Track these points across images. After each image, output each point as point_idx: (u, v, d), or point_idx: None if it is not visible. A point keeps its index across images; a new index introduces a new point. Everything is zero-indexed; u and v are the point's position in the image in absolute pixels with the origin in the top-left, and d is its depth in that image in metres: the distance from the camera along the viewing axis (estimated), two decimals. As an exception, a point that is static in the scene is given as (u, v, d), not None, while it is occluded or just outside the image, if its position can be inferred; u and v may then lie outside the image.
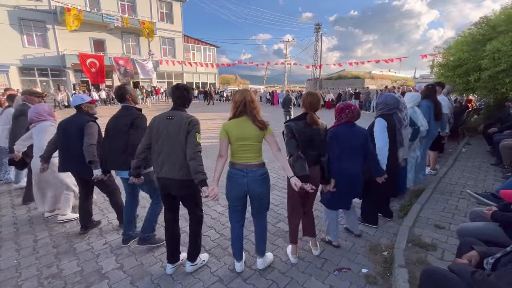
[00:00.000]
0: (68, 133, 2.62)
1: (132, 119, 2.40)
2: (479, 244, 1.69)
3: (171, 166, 2.02)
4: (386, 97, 3.01)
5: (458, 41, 7.25)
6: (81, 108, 2.70)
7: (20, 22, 17.57)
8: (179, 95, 2.13)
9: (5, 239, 2.77)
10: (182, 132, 2.00)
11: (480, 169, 4.87)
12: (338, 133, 2.41)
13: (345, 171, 2.40)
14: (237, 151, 2.04)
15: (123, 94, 2.50)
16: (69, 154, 2.64)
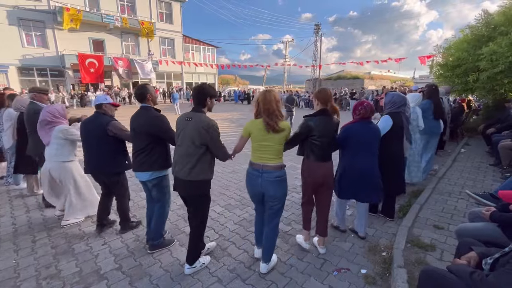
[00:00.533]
0: (88, 133, 2.62)
1: (151, 122, 2.31)
2: (477, 245, 1.70)
3: (181, 167, 2.06)
4: (393, 96, 3.11)
5: (458, 41, 7.27)
6: (101, 107, 2.67)
7: (19, 22, 17.52)
8: (195, 95, 2.14)
9: (4, 240, 2.76)
10: (197, 135, 2.00)
11: (479, 169, 4.88)
12: (352, 130, 2.55)
13: (358, 165, 2.53)
14: (256, 150, 2.09)
15: (144, 94, 2.39)
16: (91, 154, 2.65)
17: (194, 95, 2.14)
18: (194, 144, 2.01)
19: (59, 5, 18.01)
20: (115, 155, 2.67)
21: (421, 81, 18.86)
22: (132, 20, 21.34)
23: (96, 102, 2.71)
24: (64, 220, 3.02)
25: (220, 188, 4.12)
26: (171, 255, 2.51)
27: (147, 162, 2.32)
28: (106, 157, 2.62)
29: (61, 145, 2.85)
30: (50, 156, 2.89)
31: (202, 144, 2.02)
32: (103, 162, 2.63)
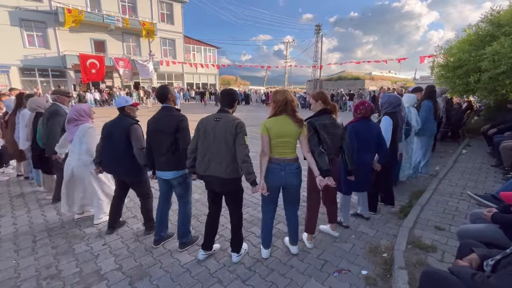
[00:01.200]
0: (113, 135, 2.63)
1: (177, 122, 2.36)
2: (479, 246, 1.69)
3: (218, 165, 2.15)
4: (389, 97, 3.30)
5: (460, 41, 7.25)
6: (124, 110, 2.69)
7: (21, 23, 17.61)
8: (225, 97, 2.30)
9: (4, 240, 2.76)
10: (228, 134, 2.12)
11: (481, 170, 4.86)
12: (357, 128, 2.74)
13: (364, 161, 2.76)
14: (275, 146, 2.19)
15: (165, 94, 2.42)
16: (113, 155, 2.66)
17: (224, 98, 2.29)
18: (226, 143, 2.12)
19: (60, 6, 18.07)
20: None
21: (422, 82, 18.86)
22: (133, 21, 21.42)
23: (118, 105, 2.71)
24: (96, 218, 3.04)
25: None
26: (171, 255, 2.51)
27: (172, 160, 2.37)
28: (129, 158, 2.62)
29: (86, 142, 2.88)
30: (74, 153, 2.92)
31: (233, 143, 2.14)
32: (127, 163, 2.64)
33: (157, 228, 2.65)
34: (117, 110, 2.78)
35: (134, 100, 2.82)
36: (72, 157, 2.94)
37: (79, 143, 2.89)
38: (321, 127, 2.38)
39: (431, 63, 8.73)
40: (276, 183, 2.25)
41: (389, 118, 3.10)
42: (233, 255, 2.41)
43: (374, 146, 2.84)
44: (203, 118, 2.26)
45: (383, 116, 3.20)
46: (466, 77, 6.67)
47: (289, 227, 2.52)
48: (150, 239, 2.75)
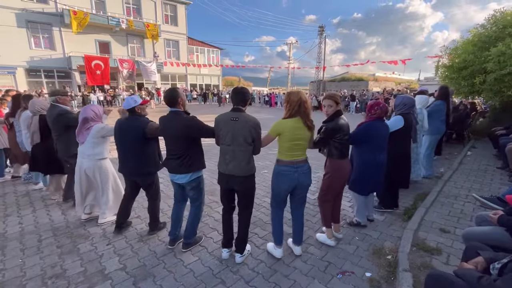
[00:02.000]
0: (125, 136, 2.62)
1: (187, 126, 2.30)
2: (485, 249, 1.67)
3: (237, 164, 2.20)
4: (403, 98, 3.34)
5: (465, 42, 7.19)
6: (134, 110, 2.64)
7: (27, 25, 17.84)
8: (238, 96, 2.26)
9: (10, 239, 2.79)
10: (248, 133, 2.16)
11: (486, 172, 4.81)
12: (372, 127, 2.75)
13: (377, 160, 2.76)
14: (289, 149, 2.23)
15: (175, 98, 2.34)
16: (126, 155, 2.67)
17: (238, 97, 2.26)
18: (246, 142, 2.17)
19: (66, 8, 18.28)
20: (151, 156, 2.69)
21: (426, 83, 18.71)
22: (137, 23, 21.57)
23: (127, 106, 2.64)
24: (101, 218, 3.05)
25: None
26: (175, 256, 2.51)
27: (185, 165, 2.36)
28: (143, 159, 2.64)
29: (97, 143, 2.89)
30: (85, 155, 2.91)
31: (252, 141, 2.20)
32: (140, 163, 2.64)
33: (172, 227, 2.63)
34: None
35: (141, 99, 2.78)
36: (84, 158, 2.92)
37: (93, 143, 2.88)
38: (338, 130, 2.42)
39: (436, 64, 8.68)
40: (288, 185, 2.28)
41: (402, 118, 3.10)
42: (237, 255, 2.42)
43: (386, 146, 2.87)
44: (218, 117, 2.27)
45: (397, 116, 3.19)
46: (471, 78, 6.62)
47: (295, 227, 2.52)
48: (154, 240, 2.78)
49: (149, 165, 2.69)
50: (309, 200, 3.66)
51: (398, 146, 3.09)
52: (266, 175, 4.67)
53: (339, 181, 2.58)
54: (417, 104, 3.90)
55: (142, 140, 2.58)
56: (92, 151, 2.90)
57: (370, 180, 2.80)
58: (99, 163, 2.95)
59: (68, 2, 18.38)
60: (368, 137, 2.74)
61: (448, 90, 4.80)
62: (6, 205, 3.61)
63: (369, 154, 2.75)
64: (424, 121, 3.95)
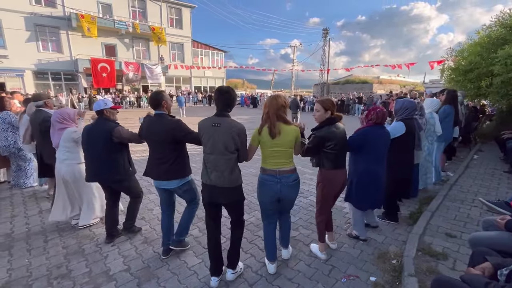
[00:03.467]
0: (92, 140, 2.54)
1: (171, 129, 2.19)
2: (492, 254, 1.65)
3: (219, 174, 1.99)
4: (403, 102, 3.10)
5: (471, 44, 7.13)
6: (103, 113, 2.58)
7: (35, 28, 18.19)
8: (222, 99, 2.02)
9: (17, 239, 2.83)
10: (231, 141, 1.96)
11: (493, 176, 4.74)
12: (367, 134, 2.54)
13: (373, 170, 2.55)
14: (269, 156, 2.07)
15: (158, 100, 2.27)
16: (95, 162, 2.58)
17: (221, 99, 2.02)
18: (227, 150, 1.97)
19: (73, 12, 18.61)
20: (120, 162, 2.61)
21: (431, 86, 18.55)
22: (143, 26, 21.83)
23: (96, 108, 2.58)
24: (82, 220, 2.99)
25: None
26: (179, 258, 2.52)
27: (172, 170, 2.25)
28: (112, 165, 2.56)
29: (70, 147, 2.84)
30: (61, 160, 2.85)
31: (235, 149, 2.01)
32: (110, 169, 2.56)
33: (165, 237, 2.53)
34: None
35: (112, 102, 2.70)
36: (61, 163, 2.85)
37: (66, 148, 2.82)
38: (328, 139, 2.23)
39: (441, 67, 8.62)
40: (271, 197, 2.11)
41: (403, 124, 2.90)
42: (228, 271, 2.20)
43: (385, 155, 2.64)
44: (200, 123, 2.08)
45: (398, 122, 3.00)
46: (477, 81, 6.55)
47: (281, 231, 2.44)
48: (158, 241, 2.78)
49: (119, 171, 2.59)
50: (312, 203, 3.65)
51: (399, 154, 2.89)
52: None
53: (332, 192, 2.40)
54: (428, 108, 3.78)
55: (108, 144, 2.49)
56: (66, 156, 2.82)
57: (367, 195, 2.59)
58: (77, 167, 2.85)
59: (75, 6, 18.71)
60: (364, 144, 2.52)
61: (456, 94, 4.53)
62: (13, 206, 3.66)
63: (365, 164, 2.55)
64: (436, 126, 3.75)
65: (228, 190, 2.03)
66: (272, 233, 2.29)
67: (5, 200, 3.82)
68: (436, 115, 3.88)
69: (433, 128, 3.77)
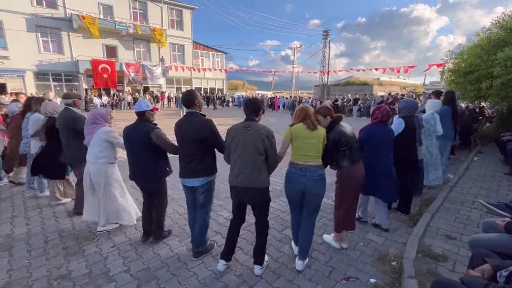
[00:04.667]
0: (132, 140, 2.59)
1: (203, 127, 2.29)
2: (492, 256, 1.65)
3: (247, 175, 2.10)
4: (406, 102, 3.38)
5: (471, 46, 7.15)
6: (144, 114, 2.63)
7: (37, 29, 18.25)
8: (252, 106, 2.24)
9: (17, 240, 2.83)
10: (260, 143, 2.09)
11: (493, 178, 4.74)
12: (371, 131, 2.83)
13: (381, 164, 2.78)
14: (300, 148, 2.23)
15: (192, 99, 2.36)
16: (134, 161, 2.63)
17: (251, 106, 2.24)
18: (257, 151, 2.09)
19: (74, 13, 18.67)
20: (157, 162, 2.64)
21: (431, 87, 18.60)
22: (144, 27, 21.90)
23: (138, 109, 2.61)
24: (101, 225, 2.96)
25: (227, 192, 4.12)
26: (179, 259, 2.52)
27: (200, 168, 2.32)
28: (149, 165, 2.60)
29: (102, 146, 2.83)
30: (92, 158, 2.85)
31: (264, 151, 2.12)
32: (146, 169, 2.61)
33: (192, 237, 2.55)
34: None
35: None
36: (90, 161, 2.87)
37: (98, 147, 2.83)
38: (340, 137, 2.40)
39: (441, 68, 8.64)
40: (296, 189, 2.24)
41: (402, 121, 3.14)
42: (256, 267, 2.31)
43: (391, 150, 2.87)
44: (231, 127, 2.23)
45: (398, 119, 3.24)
46: (477, 82, 6.56)
47: (301, 240, 2.39)
48: (158, 243, 2.79)
49: (156, 171, 2.64)
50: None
51: (402, 150, 3.08)
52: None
53: (350, 186, 2.51)
54: (430, 109, 3.98)
55: (146, 145, 2.54)
56: (97, 154, 2.83)
57: (373, 184, 2.74)
58: (105, 167, 2.86)
59: (76, 7, 18.78)
60: (365, 142, 2.77)
61: (454, 95, 4.76)
62: (14, 206, 3.66)
63: (369, 158, 2.69)
64: (437, 125, 3.91)
65: (256, 191, 2.14)
66: (296, 221, 2.45)
67: (6, 201, 3.83)
68: (437, 116, 3.98)
69: (433, 128, 3.89)
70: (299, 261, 2.36)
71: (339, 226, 2.64)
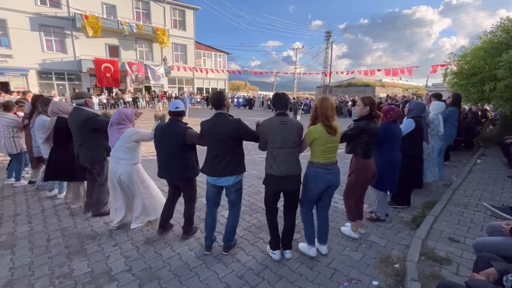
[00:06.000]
0: (166, 140, 2.64)
1: (233, 127, 2.35)
2: (497, 260, 1.63)
3: (290, 164, 2.31)
4: (416, 104, 3.59)
5: (474, 48, 7.12)
6: (178, 115, 2.71)
7: (40, 28, 18.34)
8: (282, 101, 2.41)
9: (20, 238, 2.84)
10: (297, 136, 2.32)
11: (497, 181, 4.71)
12: (390, 128, 3.02)
13: (397, 160, 3.05)
14: (323, 152, 2.34)
15: (222, 100, 2.41)
16: (166, 161, 2.69)
17: (282, 101, 2.40)
18: (295, 143, 2.31)
19: (78, 12, 18.76)
20: (190, 161, 2.70)
21: (434, 89, 18.51)
22: (146, 27, 21.97)
23: (173, 109, 2.67)
24: (135, 223, 3.00)
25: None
26: (180, 259, 2.52)
27: (231, 166, 2.38)
28: (182, 164, 2.66)
29: (130, 148, 2.85)
30: (119, 159, 2.84)
31: (300, 142, 2.36)
32: (180, 169, 2.66)
33: (209, 233, 2.61)
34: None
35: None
36: (118, 162, 2.86)
37: (126, 148, 2.83)
38: (366, 131, 2.59)
39: (444, 71, 8.61)
40: (322, 185, 2.38)
41: (413, 121, 3.35)
42: (287, 252, 2.52)
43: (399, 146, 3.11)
44: (266, 123, 2.36)
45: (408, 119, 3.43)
46: (481, 85, 6.54)
47: (321, 227, 2.60)
48: (160, 242, 2.79)
49: (189, 170, 2.70)
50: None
51: (410, 147, 3.32)
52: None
53: (364, 179, 2.72)
54: (434, 110, 4.17)
55: (181, 145, 2.61)
56: (126, 156, 2.84)
57: (388, 178, 3.00)
58: (134, 167, 2.91)
59: (80, 7, 18.87)
60: (385, 137, 2.94)
61: (460, 96, 5.07)
62: (16, 205, 3.67)
63: (386, 154, 2.98)
64: (439, 126, 4.12)
65: (297, 178, 2.38)
66: (312, 219, 2.55)
67: (8, 199, 3.84)
68: (441, 117, 4.18)
69: (437, 128, 4.10)
70: (323, 247, 2.59)
71: (353, 216, 2.83)
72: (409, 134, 3.30)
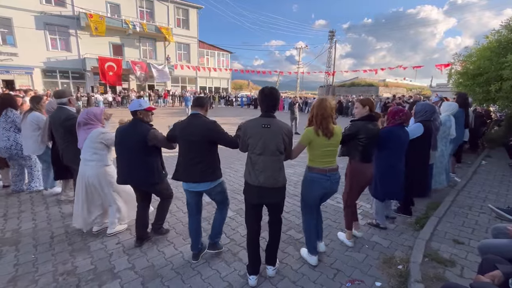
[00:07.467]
0: (126, 143, 2.47)
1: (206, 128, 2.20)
2: (503, 262, 1.61)
3: (270, 174, 2.01)
4: (424, 105, 3.31)
5: (480, 48, 7.04)
6: (136, 114, 2.49)
7: (45, 27, 18.51)
8: (268, 100, 2.05)
9: (24, 235, 2.86)
10: (281, 142, 2.01)
11: (502, 183, 4.66)
12: (393, 132, 2.77)
13: (398, 169, 2.81)
14: (319, 156, 2.23)
15: (205, 103, 2.33)
16: (129, 164, 2.49)
17: (268, 100, 2.04)
18: (278, 150, 2.01)
19: (82, 11, 18.88)
20: (155, 165, 2.55)
21: (438, 90, 18.38)
22: (150, 26, 22.04)
23: (131, 108, 2.48)
24: (111, 228, 2.86)
25: (231, 192, 4.11)
26: (183, 257, 2.52)
27: (208, 171, 2.23)
28: (145, 167, 2.49)
29: (97, 149, 2.70)
30: (87, 161, 2.71)
31: (284, 149, 2.07)
32: (143, 173, 2.49)
33: (194, 241, 2.44)
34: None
35: (148, 103, 2.57)
36: (86, 164, 2.72)
37: (93, 149, 2.69)
38: (361, 132, 2.48)
39: (449, 71, 8.53)
40: (321, 192, 2.29)
41: (421, 125, 3.10)
42: (269, 268, 2.26)
43: (404, 153, 2.88)
44: (246, 124, 2.09)
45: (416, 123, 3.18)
46: (486, 85, 6.47)
47: (320, 226, 2.57)
48: (163, 240, 2.79)
49: (153, 174, 2.53)
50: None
51: (416, 153, 3.07)
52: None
53: (359, 184, 2.63)
54: (446, 111, 3.96)
55: (144, 148, 2.44)
56: (93, 157, 2.69)
57: (386, 186, 2.81)
58: (103, 170, 2.74)
59: (84, 6, 18.99)
60: (387, 142, 2.73)
61: (467, 97, 4.84)
62: (20, 202, 3.71)
63: (386, 159, 2.77)
64: (452, 129, 3.92)
65: (277, 190, 2.08)
66: (314, 227, 2.42)
67: (13, 196, 3.87)
68: (453, 118, 3.97)
69: (448, 130, 3.86)
70: (320, 243, 2.57)
71: (349, 225, 2.74)
72: (415, 139, 3.04)
